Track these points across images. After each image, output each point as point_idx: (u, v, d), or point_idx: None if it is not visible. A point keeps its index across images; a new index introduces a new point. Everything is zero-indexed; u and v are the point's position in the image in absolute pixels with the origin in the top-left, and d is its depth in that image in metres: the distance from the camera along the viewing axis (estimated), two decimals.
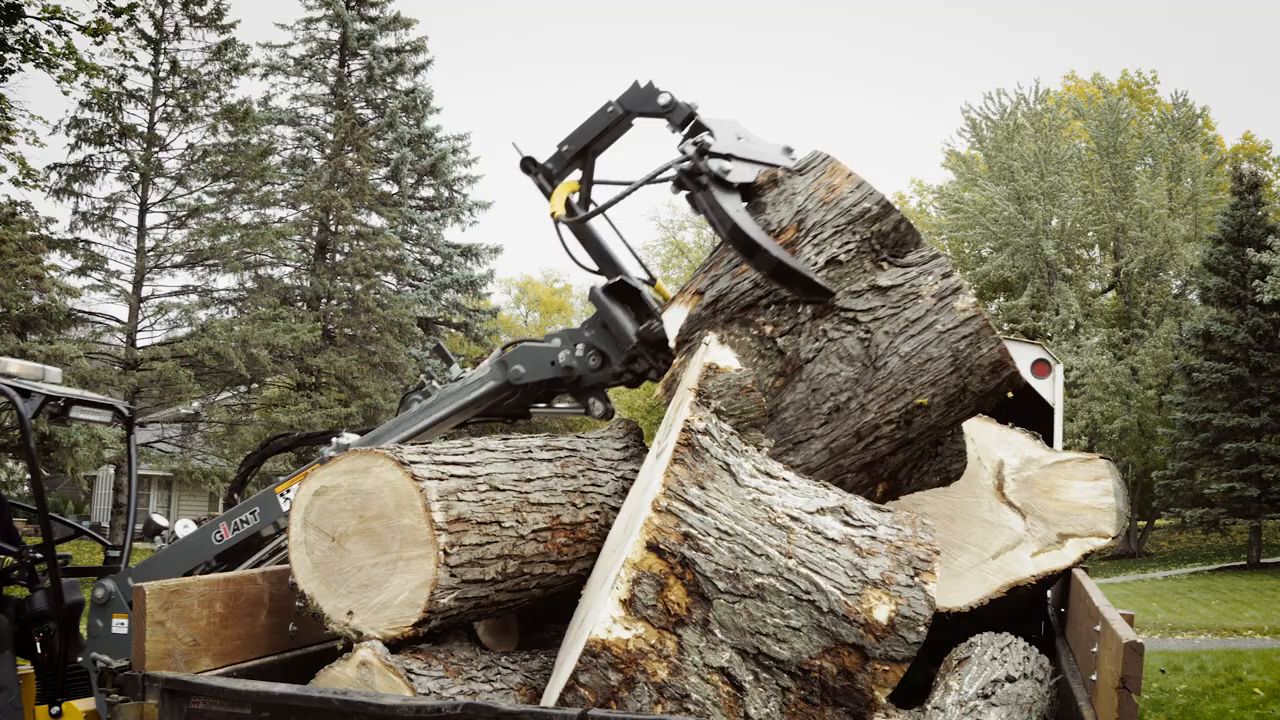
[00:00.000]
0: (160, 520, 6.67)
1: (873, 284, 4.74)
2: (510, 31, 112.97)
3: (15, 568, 6.73)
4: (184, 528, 6.34)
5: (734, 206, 4.70)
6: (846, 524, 4.15)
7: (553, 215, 5.49)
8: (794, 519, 4.07)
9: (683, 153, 4.81)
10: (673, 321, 5.00)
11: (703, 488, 3.99)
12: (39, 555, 6.66)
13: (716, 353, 4.82)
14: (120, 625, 6.00)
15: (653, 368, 5.30)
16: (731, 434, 4.33)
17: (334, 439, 5.66)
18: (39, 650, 6.74)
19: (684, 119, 5.25)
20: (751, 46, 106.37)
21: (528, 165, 5.46)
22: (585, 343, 5.12)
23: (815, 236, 4.77)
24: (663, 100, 5.24)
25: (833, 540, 4.05)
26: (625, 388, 5.56)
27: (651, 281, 5.79)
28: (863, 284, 4.74)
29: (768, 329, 4.81)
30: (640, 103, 5.29)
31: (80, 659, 6.23)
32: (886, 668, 3.87)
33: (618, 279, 5.23)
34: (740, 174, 4.88)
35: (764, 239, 4.61)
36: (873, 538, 4.11)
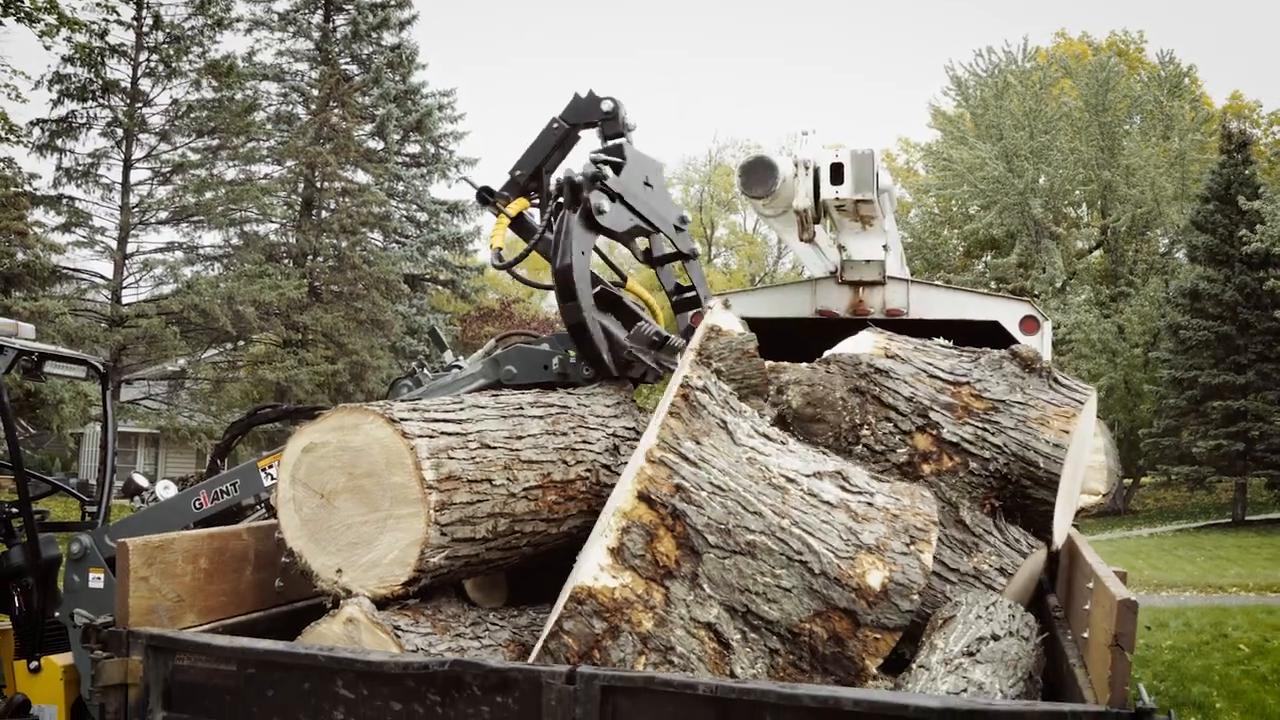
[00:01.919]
0: (141, 480, 6.71)
1: None
2: (508, 25, 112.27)
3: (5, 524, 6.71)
4: (164, 489, 6.45)
5: (580, 247, 4.71)
6: (843, 489, 4.12)
7: (492, 245, 5.42)
8: (789, 480, 4.03)
9: (583, 170, 4.79)
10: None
11: (698, 442, 3.96)
12: (14, 510, 6.67)
13: (720, 316, 4.78)
14: (97, 580, 6.05)
15: (649, 370, 5.24)
16: (731, 394, 4.29)
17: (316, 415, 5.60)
18: (17, 605, 6.75)
19: (613, 134, 5.20)
20: (751, 40, 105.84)
21: (484, 196, 5.39)
22: (572, 356, 5.05)
23: None
24: (605, 107, 5.20)
25: (828, 504, 4.02)
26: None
27: (622, 282, 5.73)
28: None
29: None
30: (583, 114, 5.25)
31: (57, 614, 6.26)
32: (878, 635, 3.84)
33: (598, 289, 5.17)
34: (614, 219, 4.86)
35: (585, 294, 4.69)
36: (869, 504, 4.09)
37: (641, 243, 5.47)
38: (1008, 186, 42.23)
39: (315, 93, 37.53)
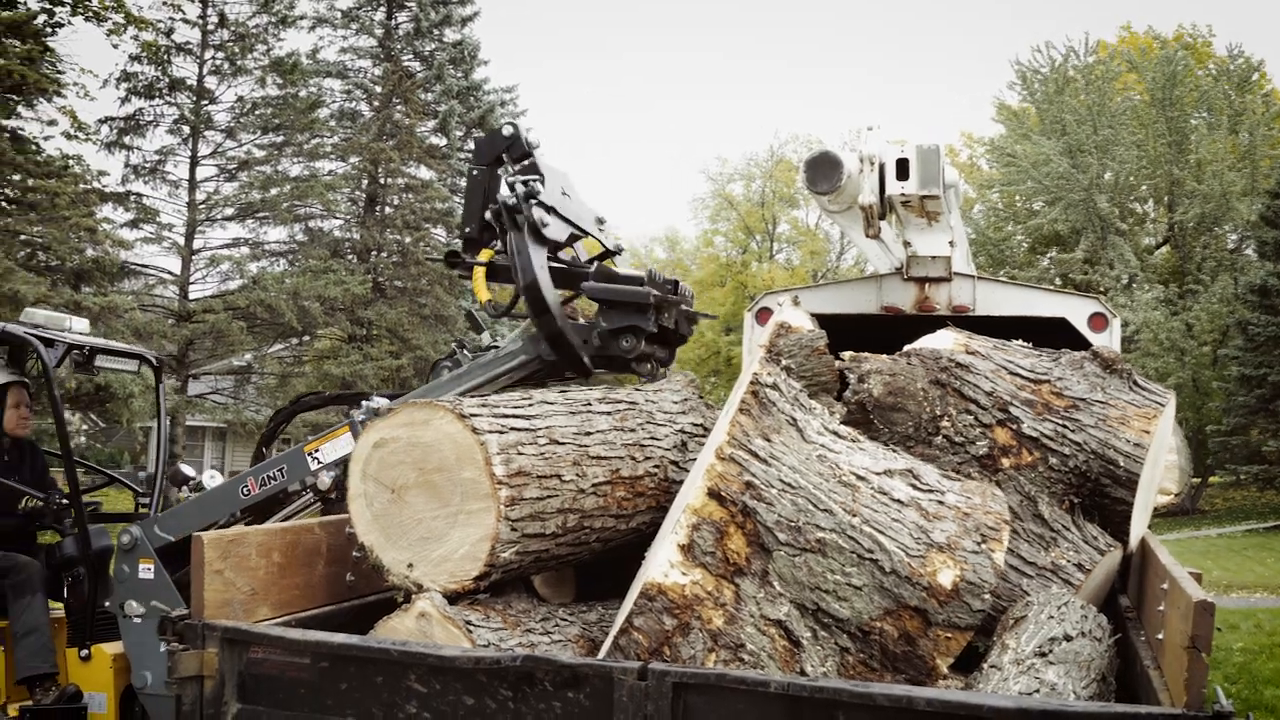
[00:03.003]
0: (187, 470, 6.73)
1: None
2: (567, 21, 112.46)
3: (44, 513, 6.81)
4: (210, 478, 6.43)
5: (540, 261, 4.78)
6: (914, 487, 4.10)
7: (480, 301, 5.43)
8: (860, 478, 4.02)
9: (511, 188, 4.81)
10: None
11: (768, 440, 3.95)
12: (65, 501, 6.73)
13: (790, 313, 4.78)
14: (146, 570, 6.05)
15: (675, 317, 5.22)
16: (800, 391, 4.28)
17: (364, 402, 5.65)
18: (68, 595, 6.84)
19: (520, 156, 5.22)
20: (811, 35, 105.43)
21: (451, 261, 5.41)
22: (608, 328, 5.03)
23: None
24: (506, 132, 5.24)
25: (899, 501, 4.00)
26: (665, 345, 5.45)
27: (618, 252, 5.73)
28: None
29: None
30: (490, 151, 5.28)
31: (107, 603, 6.28)
32: (949, 635, 3.82)
33: (595, 267, 5.18)
34: (555, 230, 4.93)
35: (555, 304, 4.74)
36: (940, 502, 4.06)
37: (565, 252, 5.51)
38: (1072, 182, 41.77)
39: (378, 89, 37.68)
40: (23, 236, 26.47)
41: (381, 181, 36.02)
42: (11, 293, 22.60)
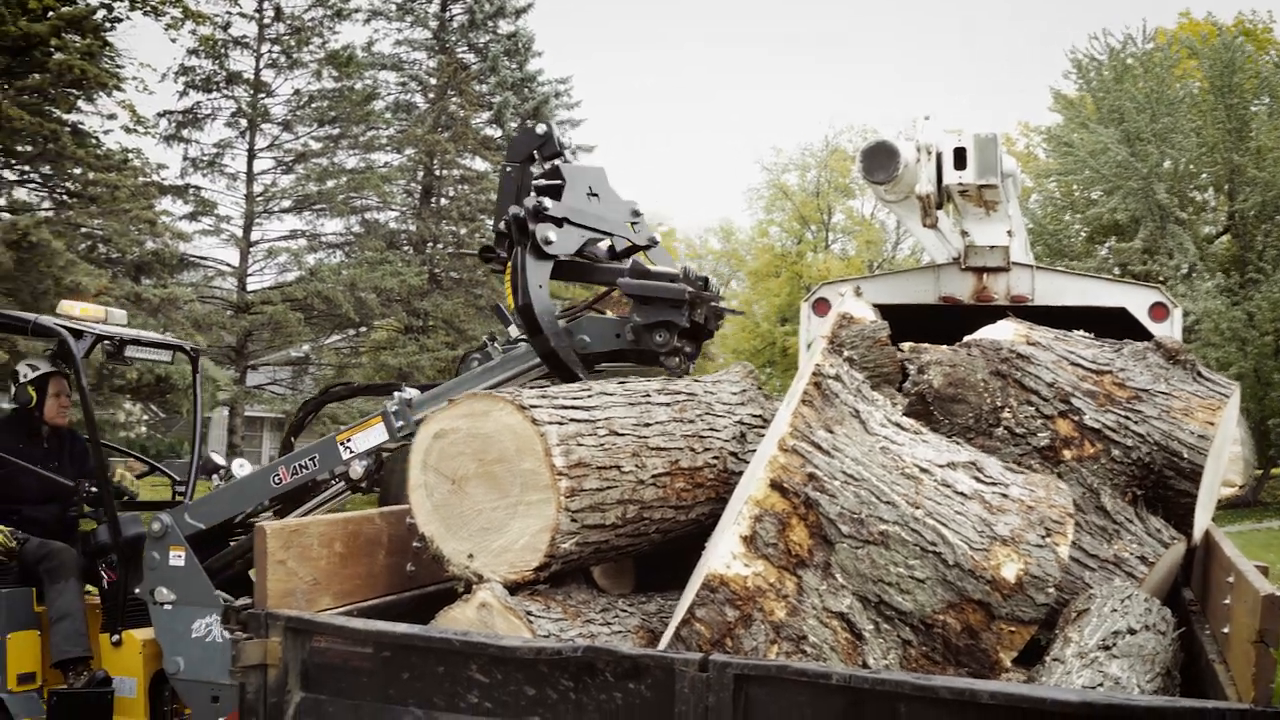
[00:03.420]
0: (217, 459, 7.06)
1: None
2: (622, 13, 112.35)
3: (77, 501, 7.00)
4: (240, 467, 6.69)
5: (537, 280, 4.80)
6: (977, 480, 4.08)
7: (512, 308, 5.43)
8: (923, 470, 4.00)
9: (523, 205, 4.81)
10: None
11: (830, 431, 3.93)
12: (94, 489, 6.89)
13: (852, 304, 4.76)
14: (177, 558, 6.18)
15: (705, 313, 5.20)
16: (863, 382, 4.27)
17: (396, 393, 5.73)
18: (105, 581, 7.03)
19: (551, 155, 5.24)
20: (866, 25, 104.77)
21: (485, 256, 5.43)
22: (643, 323, 5.02)
23: None
24: (539, 131, 5.26)
25: (962, 494, 3.97)
26: (694, 340, 5.43)
27: (652, 245, 5.72)
28: None
29: None
30: (523, 149, 5.31)
31: (137, 590, 6.42)
32: (1013, 628, 3.80)
33: (631, 263, 5.18)
34: (565, 243, 4.93)
35: (548, 324, 4.78)
36: (1004, 495, 4.03)
37: (604, 243, 5.49)
38: (1131, 171, 41.31)
39: (433, 81, 37.82)
40: (84, 229, 26.78)
41: (437, 173, 36.17)
42: (74, 285, 22.84)
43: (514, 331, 5.46)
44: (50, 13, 26.32)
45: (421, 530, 4.51)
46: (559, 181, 4.95)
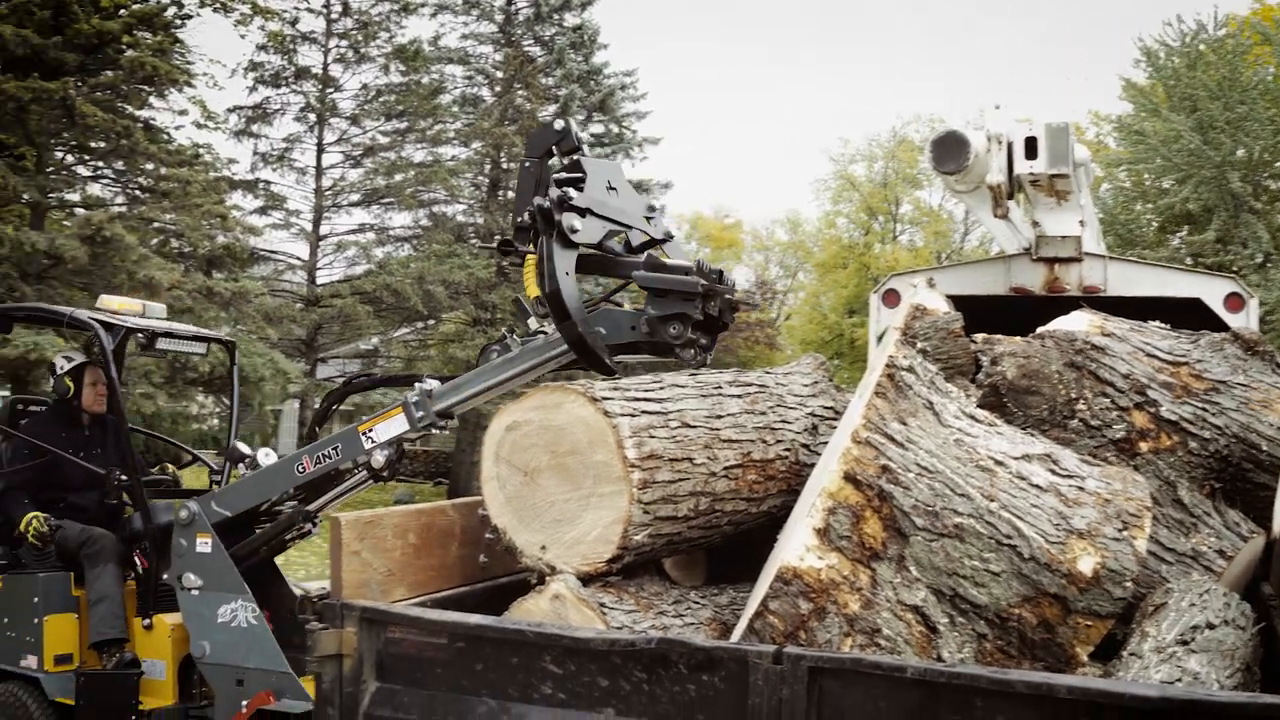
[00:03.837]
0: (243, 448, 7.00)
1: None
2: (687, 5, 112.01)
3: (109, 489, 7.17)
4: (265, 456, 6.70)
5: (564, 268, 4.77)
6: (1053, 472, 4.04)
7: (531, 297, 5.44)
8: (998, 463, 3.97)
9: (548, 196, 4.81)
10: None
11: (904, 423, 3.92)
12: (124, 478, 7.05)
13: (925, 295, 4.73)
14: (204, 545, 6.27)
15: (720, 306, 5.18)
16: (937, 374, 4.24)
17: (417, 384, 5.75)
18: (139, 567, 7.20)
19: (569, 150, 5.23)
20: (934, 14, 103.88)
21: (504, 249, 5.44)
22: (657, 315, 5.03)
23: None
24: (558, 126, 5.26)
25: (1037, 487, 3.94)
26: (709, 332, 5.42)
27: (668, 239, 5.70)
28: None
29: None
30: (542, 144, 5.30)
31: (165, 575, 6.58)
32: (1089, 623, 3.76)
33: (646, 256, 5.18)
34: (589, 232, 4.91)
35: (576, 311, 4.73)
36: (1080, 488, 3.99)
37: (621, 236, 5.50)
38: (1204, 159, 40.70)
39: (499, 75, 37.92)
40: (156, 224, 27.07)
41: (504, 166, 36.24)
42: (147, 279, 23.12)
43: (533, 324, 5.49)
44: (122, 10, 26.64)
45: (494, 522, 4.54)
46: (580, 175, 4.98)
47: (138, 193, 28.09)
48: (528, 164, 5.25)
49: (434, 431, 5.71)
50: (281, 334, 29.26)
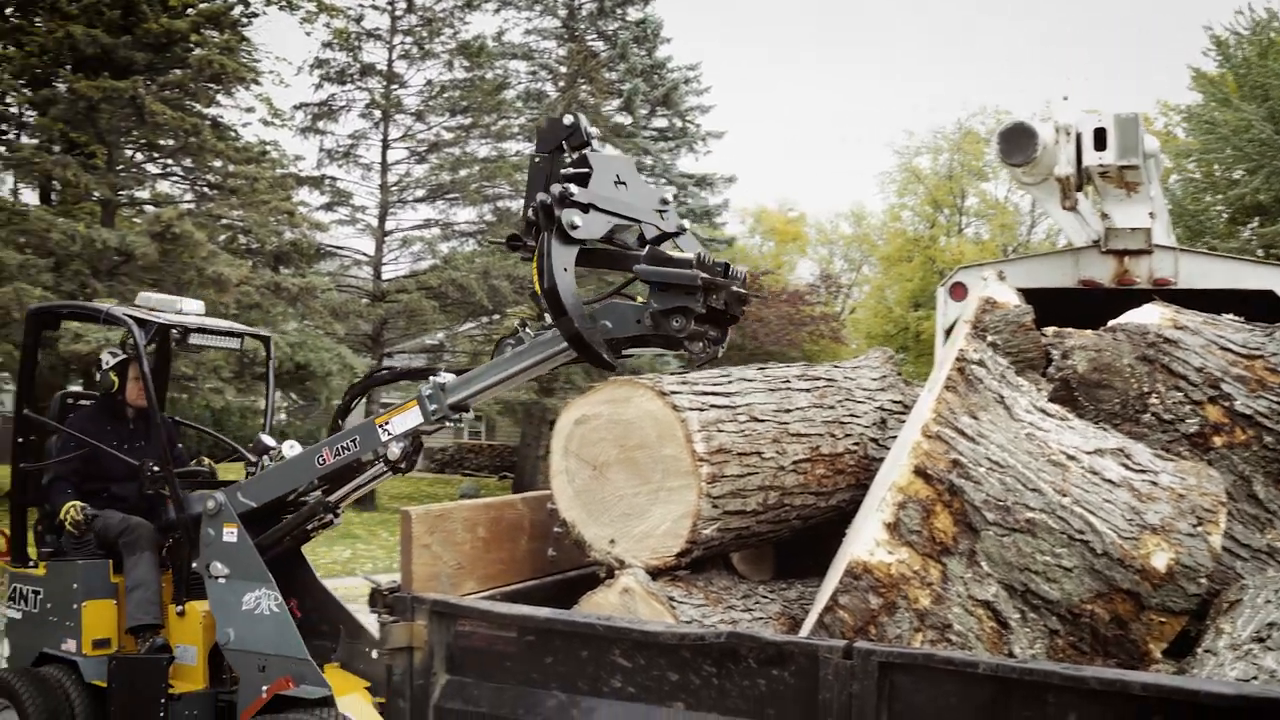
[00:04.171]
0: (268, 441, 7.20)
1: None
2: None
3: (143, 480, 7.33)
4: (290, 448, 6.91)
5: (562, 263, 4.78)
6: (1126, 467, 4.00)
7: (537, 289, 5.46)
8: (1070, 457, 3.93)
9: (549, 192, 4.79)
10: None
11: (975, 417, 3.89)
12: (156, 469, 7.21)
13: (995, 288, 4.70)
14: (230, 535, 6.57)
15: (724, 299, 5.15)
16: (1007, 368, 4.21)
17: (431, 377, 5.90)
18: (170, 555, 7.48)
19: (578, 145, 5.21)
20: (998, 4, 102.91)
21: (513, 244, 5.45)
22: (660, 309, 5.03)
23: None
24: (566, 121, 5.25)
25: (1110, 482, 3.90)
26: (718, 325, 5.40)
27: (680, 233, 5.68)
28: None
29: None
30: (552, 139, 5.30)
31: (195, 564, 6.83)
32: (1163, 619, 3.72)
33: (647, 249, 5.17)
34: (591, 228, 4.90)
35: (573, 307, 4.75)
36: (1153, 483, 3.95)
37: (634, 230, 5.48)
38: (1275, 149, 40.17)
39: (563, 70, 38.04)
40: (224, 220, 27.36)
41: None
42: (215, 275, 23.36)
43: (549, 318, 5.51)
44: (190, 9, 26.93)
45: (563, 516, 4.56)
46: (586, 170, 4.98)
47: (206, 190, 28.41)
48: (538, 159, 5.28)
49: (447, 424, 5.88)
50: (348, 329, 29.49)
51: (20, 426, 7.95)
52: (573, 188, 4.77)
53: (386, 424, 6.00)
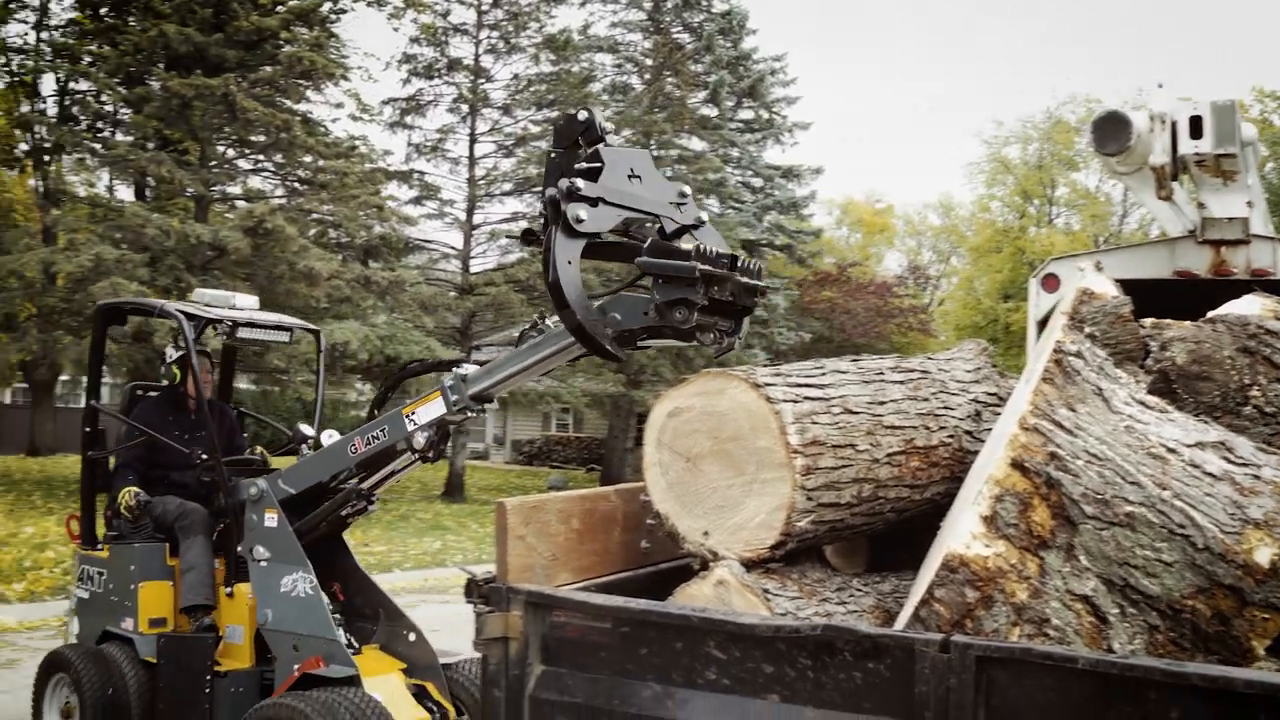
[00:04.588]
0: (307, 430, 7.72)
1: None
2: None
3: (193, 467, 7.67)
4: (328, 437, 7.15)
5: (566, 257, 4.74)
6: (1228, 460, 3.93)
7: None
8: (1170, 450, 3.87)
9: (558, 187, 4.77)
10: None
11: (1072, 409, 3.85)
12: (204, 457, 7.55)
13: (1093, 279, 4.65)
14: (271, 520, 6.91)
15: (730, 291, 5.11)
16: (1105, 359, 4.16)
17: (454, 369, 6.14)
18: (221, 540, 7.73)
19: (593, 139, 5.17)
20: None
21: (528, 239, 5.45)
22: (662, 301, 5.01)
23: None
24: (581, 116, 5.21)
25: (1211, 475, 3.84)
26: (729, 316, 5.36)
27: (699, 225, 5.63)
28: None
29: None
30: (567, 135, 5.27)
31: (239, 548, 7.12)
32: (1266, 615, 3.65)
33: (649, 241, 5.15)
34: (598, 221, 4.87)
35: (576, 299, 4.73)
36: (1256, 477, 3.88)
37: (654, 224, 5.45)
38: None
39: (649, 62, 38.08)
40: (314, 215, 27.71)
41: (654, 153, 36.29)
42: (306, 269, 23.67)
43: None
44: (280, 7, 27.27)
45: (656, 507, 4.57)
46: (597, 164, 4.99)
47: (296, 185, 28.78)
48: (554, 155, 5.31)
49: (469, 415, 6.08)
50: (436, 322, 29.74)
51: (88, 417, 8.39)
52: (580, 182, 4.78)
53: (412, 414, 6.24)
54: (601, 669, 4.04)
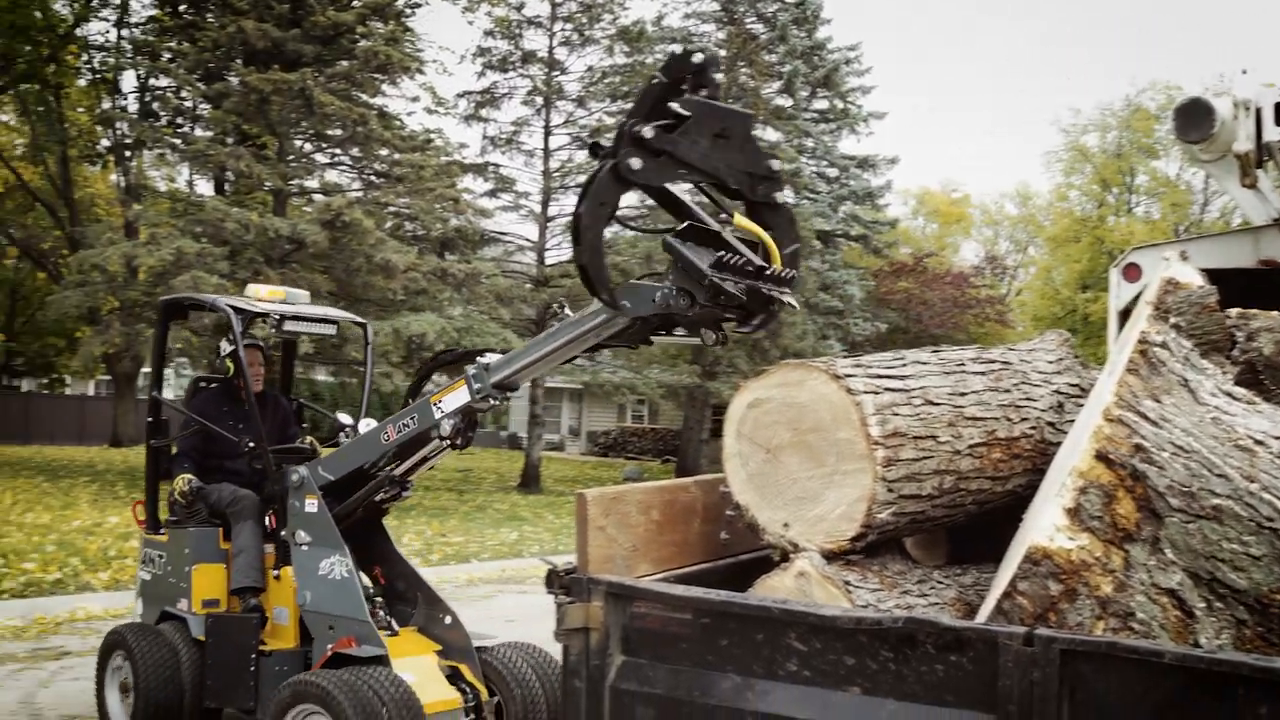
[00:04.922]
0: (344, 419, 8.01)
1: None
2: None
3: (242, 456, 7.95)
4: (366, 425, 7.49)
5: (601, 199, 4.71)
6: None
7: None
8: (1258, 442, 3.82)
9: (628, 128, 4.70)
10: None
11: (1158, 401, 3.81)
12: (252, 445, 7.82)
13: (1178, 269, 4.60)
14: (311, 505, 7.16)
15: (743, 298, 5.03)
16: (1191, 350, 4.11)
17: (478, 359, 6.24)
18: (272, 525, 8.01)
19: (700, 86, 5.04)
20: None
21: (595, 150, 5.35)
22: (671, 285, 4.98)
23: None
24: (695, 59, 5.10)
25: None
26: (736, 325, 5.31)
27: (729, 218, 5.53)
28: None
29: None
30: (678, 70, 5.14)
31: (283, 533, 7.44)
32: None
33: (686, 224, 5.09)
34: (652, 174, 4.77)
35: (591, 240, 4.73)
36: None
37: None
38: None
39: (723, 53, 37.95)
40: (391, 208, 27.95)
41: None
42: (383, 262, 23.87)
43: (596, 305, 5.50)
44: (356, 1, 27.50)
45: (736, 499, 4.56)
46: (685, 114, 4.89)
47: (373, 178, 29.04)
48: (655, 80, 5.23)
49: (492, 402, 6.20)
50: (512, 314, 29.89)
51: (151, 408, 8.98)
52: (649, 131, 4.73)
53: (439, 402, 6.38)
54: (682, 660, 4.05)
